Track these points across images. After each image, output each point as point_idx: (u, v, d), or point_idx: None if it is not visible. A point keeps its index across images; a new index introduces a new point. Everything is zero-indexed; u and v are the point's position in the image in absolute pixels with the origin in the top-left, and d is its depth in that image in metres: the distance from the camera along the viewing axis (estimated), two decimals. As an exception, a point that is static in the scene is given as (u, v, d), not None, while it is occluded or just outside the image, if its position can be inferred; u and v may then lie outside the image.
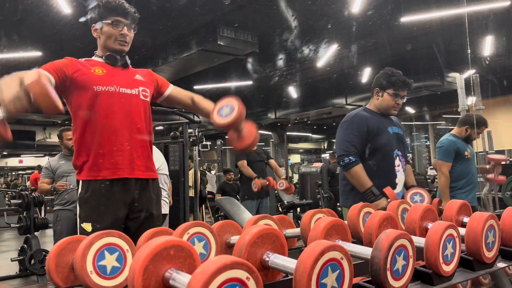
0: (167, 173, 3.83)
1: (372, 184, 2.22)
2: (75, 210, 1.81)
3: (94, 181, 1.75)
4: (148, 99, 1.90)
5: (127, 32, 1.82)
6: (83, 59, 1.85)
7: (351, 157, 2.26)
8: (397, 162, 2.38)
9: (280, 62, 9.82)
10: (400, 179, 2.39)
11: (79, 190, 1.78)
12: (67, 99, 1.79)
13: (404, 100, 2.43)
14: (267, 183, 4.58)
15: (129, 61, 1.90)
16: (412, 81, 2.43)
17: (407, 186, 2.49)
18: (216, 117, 1.63)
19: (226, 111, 1.61)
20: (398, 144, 2.42)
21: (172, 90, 2.00)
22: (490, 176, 3.51)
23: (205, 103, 1.95)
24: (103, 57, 1.85)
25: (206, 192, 9.12)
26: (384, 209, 2.04)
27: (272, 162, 5.07)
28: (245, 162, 4.77)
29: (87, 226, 1.73)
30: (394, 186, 2.34)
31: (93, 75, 1.76)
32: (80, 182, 1.78)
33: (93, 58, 1.87)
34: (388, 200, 2.10)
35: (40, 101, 1.26)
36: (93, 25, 1.84)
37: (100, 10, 1.80)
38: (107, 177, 1.75)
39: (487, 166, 3.62)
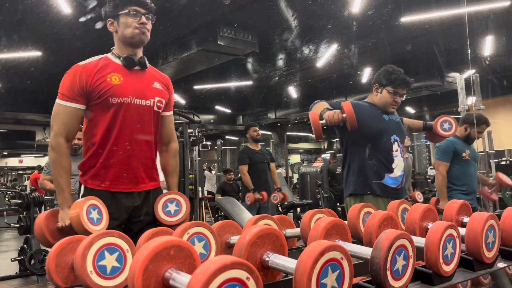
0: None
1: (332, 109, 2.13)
2: None
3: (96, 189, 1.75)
4: (161, 110, 1.86)
5: (146, 21, 1.77)
6: (99, 57, 1.78)
7: (319, 100, 2.28)
8: (395, 147, 2.39)
9: (280, 62, 9.82)
10: (398, 164, 2.39)
11: (81, 193, 1.77)
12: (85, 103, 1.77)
13: (403, 99, 2.43)
14: (261, 198, 4.60)
15: (147, 62, 1.83)
16: (413, 80, 2.43)
17: (422, 127, 2.65)
18: (163, 216, 1.78)
19: (172, 208, 1.80)
20: (396, 130, 2.43)
21: (168, 114, 1.96)
22: (485, 190, 3.50)
23: (166, 168, 2.01)
24: (121, 58, 1.78)
25: (206, 192, 9.12)
26: (336, 118, 1.95)
27: (272, 166, 5.07)
28: (246, 167, 4.76)
29: None
30: (391, 170, 2.35)
31: (109, 84, 1.70)
32: (82, 188, 1.78)
33: (110, 56, 1.79)
34: (344, 115, 1.97)
35: (76, 229, 1.53)
36: (109, 19, 1.78)
37: (116, 2, 1.75)
38: (109, 188, 1.74)
39: (490, 180, 3.60)
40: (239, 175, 5.14)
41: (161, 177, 1.99)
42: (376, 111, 2.42)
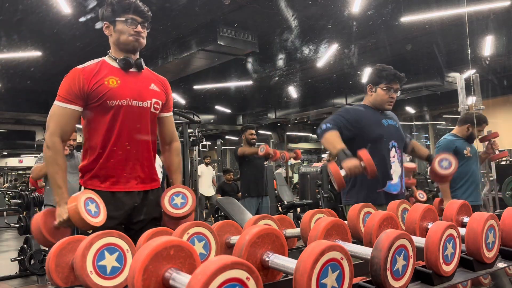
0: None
1: (345, 147, 2.14)
2: None
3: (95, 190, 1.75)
4: (158, 112, 1.88)
5: (141, 30, 1.79)
6: (96, 61, 1.80)
7: (328, 125, 2.25)
8: (392, 153, 2.38)
9: (280, 62, 9.82)
10: (395, 170, 2.39)
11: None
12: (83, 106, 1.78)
13: (398, 94, 2.43)
14: (273, 154, 4.52)
15: (143, 64, 1.86)
16: (404, 75, 2.43)
17: (425, 157, 2.55)
18: (170, 209, 1.79)
19: (178, 201, 1.81)
20: (394, 136, 2.42)
21: (168, 115, 1.98)
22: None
23: (169, 165, 2.01)
24: (117, 61, 1.80)
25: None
26: (356, 168, 2.00)
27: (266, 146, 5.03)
28: (244, 147, 4.76)
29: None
30: (389, 177, 2.35)
31: (106, 87, 1.73)
32: (82, 188, 1.79)
33: (107, 59, 1.82)
34: (361, 162, 2.00)
35: (74, 221, 1.54)
36: (105, 22, 1.80)
37: (114, 8, 1.77)
38: (108, 189, 1.76)
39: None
40: (239, 175, 5.13)
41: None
42: (375, 115, 2.41)
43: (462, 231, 1.05)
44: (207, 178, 8.93)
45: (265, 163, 5.03)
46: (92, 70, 1.75)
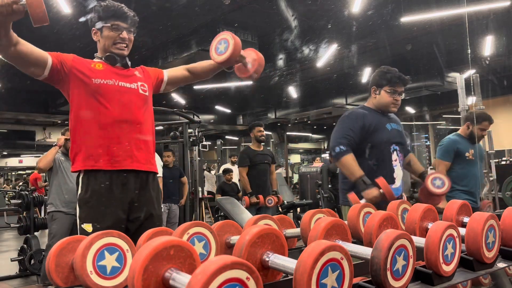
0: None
1: (364, 173, 2.18)
2: (72, 212, 1.82)
3: (93, 178, 1.75)
4: (147, 94, 1.92)
5: (126, 35, 1.85)
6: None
7: (342, 147, 2.26)
8: (394, 156, 2.38)
9: (280, 62, 9.82)
10: (398, 174, 2.39)
11: (79, 191, 1.78)
12: (66, 90, 1.81)
13: (402, 97, 2.43)
14: (257, 201, 4.60)
15: (129, 62, 1.92)
16: (409, 77, 2.42)
17: (418, 174, 2.52)
18: (215, 56, 1.78)
19: (222, 47, 1.70)
20: (397, 139, 2.42)
21: (169, 73, 2.06)
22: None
23: (199, 63, 2.09)
24: (103, 58, 1.88)
25: (206, 192, 9.07)
26: (376, 198, 2.04)
27: (272, 168, 5.04)
28: (245, 170, 4.74)
29: (88, 227, 1.73)
30: (392, 181, 2.34)
31: (93, 68, 1.81)
32: (80, 181, 1.78)
33: (94, 60, 1.90)
34: (380, 190, 2.06)
35: (31, 4, 1.35)
36: (93, 28, 1.88)
37: (100, 14, 1.83)
38: (104, 167, 1.75)
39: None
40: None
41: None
42: (379, 118, 2.40)
43: (462, 231, 1.05)
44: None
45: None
46: (82, 59, 1.84)
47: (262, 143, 4.92)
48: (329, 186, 8.01)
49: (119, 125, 1.78)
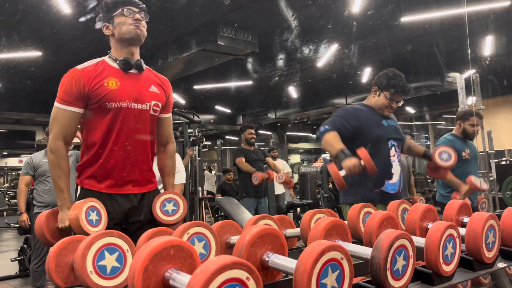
0: (183, 182, 3.53)
1: (344, 147, 2.14)
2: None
3: (91, 195, 1.75)
4: (157, 114, 1.88)
5: (140, 17, 1.79)
6: (96, 61, 1.79)
7: (326, 126, 2.26)
8: (392, 152, 2.38)
9: (280, 62, 9.82)
10: (395, 169, 2.39)
11: (78, 193, 1.78)
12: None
13: (400, 104, 2.44)
14: (267, 176, 4.56)
15: (144, 65, 1.85)
16: (412, 88, 2.41)
17: (422, 153, 2.51)
18: (160, 214, 1.79)
19: (170, 207, 1.81)
20: (394, 135, 2.42)
21: (166, 116, 1.98)
22: (455, 195, 3.26)
23: (165, 171, 2.02)
24: (117, 62, 1.80)
25: (206, 192, 9.07)
26: (355, 167, 2.00)
27: (269, 160, 5.08)
28: (243, 159, 4.76)
29: None
30: (390, 176, 2.35)
31: (106, 89, 1.72)
32: (79, 189, 1.79)
33: (107, 59, 1.81)
34: (361, 161, 2.02)
35: (75, 230, 1.56)
36: (104, 24, 1.81)
37: (109, 7, 1.79)
38: (105, 190, 1.76)
39: (463, 185, 3.47)
40: (238, 174, 5.12)
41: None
42: (375, 115, 2.41)
43: (462, 231, 1.05)
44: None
45: (264, 165, 5.03)
46: (92, 71, 1.74)
47: (252, 145, 4.96)
48: (329, 186, 8.02)
49: (126, 149, 1.77)
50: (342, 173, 2.02)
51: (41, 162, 3.71)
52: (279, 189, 6.41)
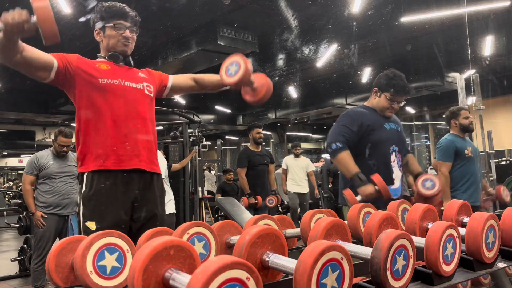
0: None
1: (359, 170, 2.18)
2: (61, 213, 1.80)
3: (97, 176, 1.75)
4: (152, 95, 1.93)
5: (129, 34, 1.86)
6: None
7: (338, 143, 2.26)
8: (393, 157, 2.38)
9: (280, 62, 9.82)
10: (397, 174, 2.38)
11: (83, 189, 1.78)
12: (72, 91, 1.80)
13: (401, 105, 2.43)
14: (256, 202, 4.61)
15: (132, 62, 1.92)
16: (413, 88, 2.41)
17: (414, 174, 2.50)
18: (225, 77, 1.74)
19: (233, 69, 1.69)
20: (396, 140, 2.41)
21: (173, 79, 2.06)
22: (481, 196, 3.40)
23: (207, 76, 2.06)
24: (106, 57, 1.88)
25: (206, 192, 9.07)
26: (372, 195, 2.04)
27: (271, 167, 5.04)
28: (244, 171, 4.75)
29: (91, 225, 1.73)
30: (391, 181, 2.33)
31: (98, 68, 1.81)
32: (84, 179, 1.78)
33: (97, 60, 1.90)
34: (376, 187, 2.06)
35: (43, 24, 1.40)
36: (96, 29, 1.88)
37: (102, 15, 1.84)
38: (111, 167, 1.76)
39: (490, 189, 3.50)
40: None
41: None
42: (378, 118, 2.40)
43: (462, 231, 1.05)
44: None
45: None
46: (85, 58, 1.85)
47: (260, 145, 4.93)
48: (329, 186, 8.02)
49: (126, 124, 1.80)
50: (358, 198, 2.06)
51: (47, 164, 3.69)
52: (303, 188, 6.58)
